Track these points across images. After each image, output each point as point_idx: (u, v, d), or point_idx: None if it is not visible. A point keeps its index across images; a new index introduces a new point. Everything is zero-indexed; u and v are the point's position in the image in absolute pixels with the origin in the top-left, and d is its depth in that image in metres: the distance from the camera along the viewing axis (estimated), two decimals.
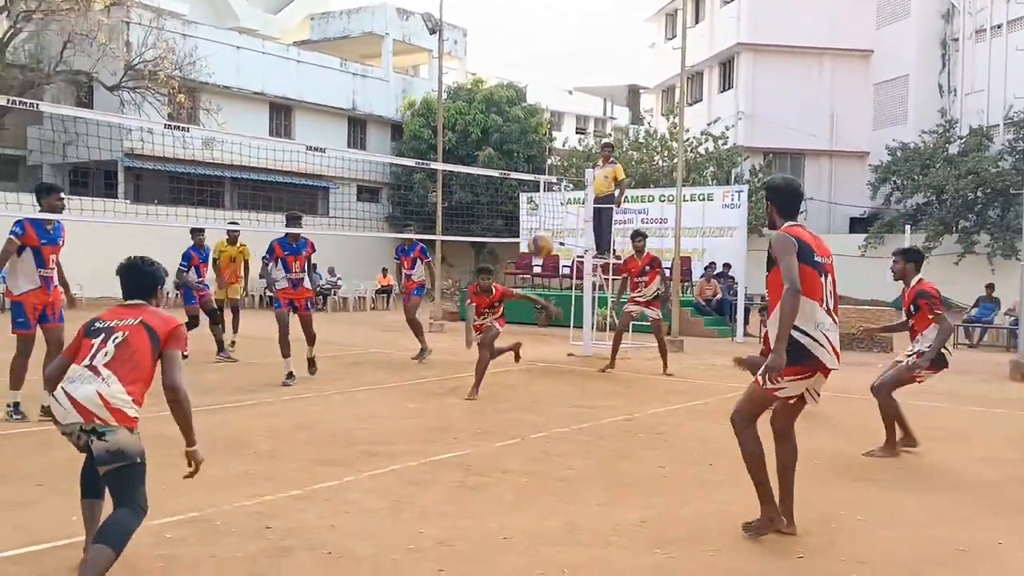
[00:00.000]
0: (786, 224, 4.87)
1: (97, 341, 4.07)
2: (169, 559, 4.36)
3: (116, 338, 4.07)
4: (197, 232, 13.04)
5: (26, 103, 9.04)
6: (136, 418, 3.95)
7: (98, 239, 16.43)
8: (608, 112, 52.36)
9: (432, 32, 24.30)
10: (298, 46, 37.04)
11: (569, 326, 15.14)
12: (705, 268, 20.58)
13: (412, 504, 5.44)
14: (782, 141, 32.53)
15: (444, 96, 25.45)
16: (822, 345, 4.68)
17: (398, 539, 4.74)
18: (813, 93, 32.93)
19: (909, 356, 7.36)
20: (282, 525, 4.93)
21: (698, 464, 6.73)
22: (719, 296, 19.68)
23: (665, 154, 30.88)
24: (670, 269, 18.50)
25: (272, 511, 5.19)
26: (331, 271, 27.07)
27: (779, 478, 4.94)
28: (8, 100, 9.05)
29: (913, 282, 7.35)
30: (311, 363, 11.11)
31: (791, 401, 4.89)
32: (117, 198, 28.21)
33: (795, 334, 4.62)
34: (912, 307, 7.32)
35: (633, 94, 54.25)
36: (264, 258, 11.03)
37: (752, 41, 32.84)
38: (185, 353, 4.30)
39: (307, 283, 11.07)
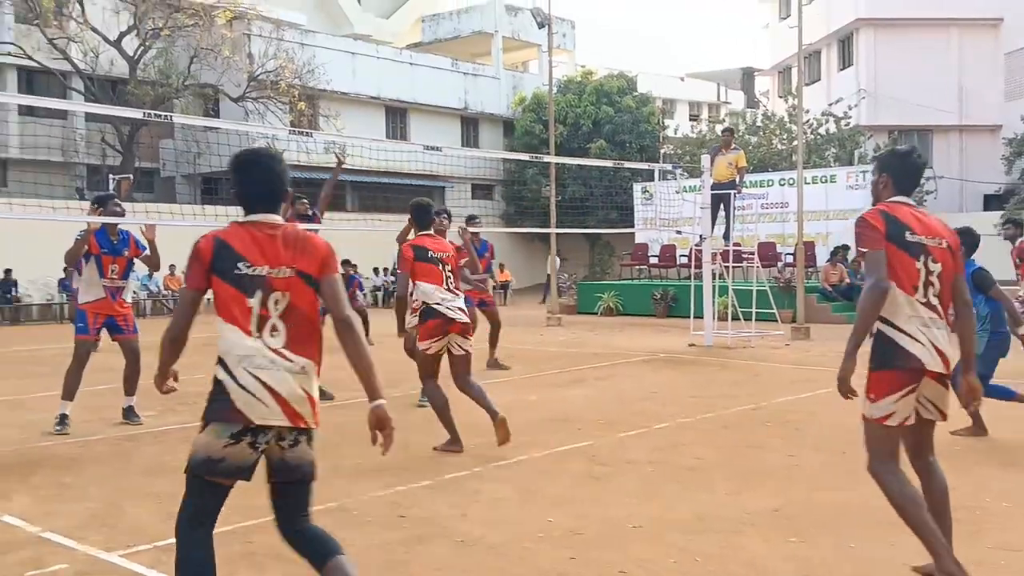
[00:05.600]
0: (889, 200, 3.98)
1: None
2: None
3: None
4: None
5: (161, 116, 9.55)
6: None
7: None
8: (722, 97, 51.33)
9: (541, 26, 24.42)
10: (411, 49, 37.74)
11: (690, 316, 14.95)
12: (832, 252, 19.93)
13: (540, 493, 5.50)
14: (907, 118, 31.17)
15: (554, 90, 25.48)
16: (919, 341, 3.79)
17: (528, 527, 4.80)
18: (939, 66, 31.41)
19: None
20: (415, 514, 5.07)
21: (830, 452, 6.55)
22: (846, 281, 19.05)
23: (784, 137, 30.11)
24: (793, 255, 18.05)
25: (406, 500, 5.34)
26: None
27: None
28: (144, 114, 9.59)
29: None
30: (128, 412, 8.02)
31: (909, 424, 3.85)
32: None
33: (884, 328, 3.86)
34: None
35: (747, 77, 52.90)
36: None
37: (872, 16, 31.61)
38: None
39: (127, 295, 8.06)
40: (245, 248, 3.13)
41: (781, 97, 36.67)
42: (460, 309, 6.88)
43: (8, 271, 21.96)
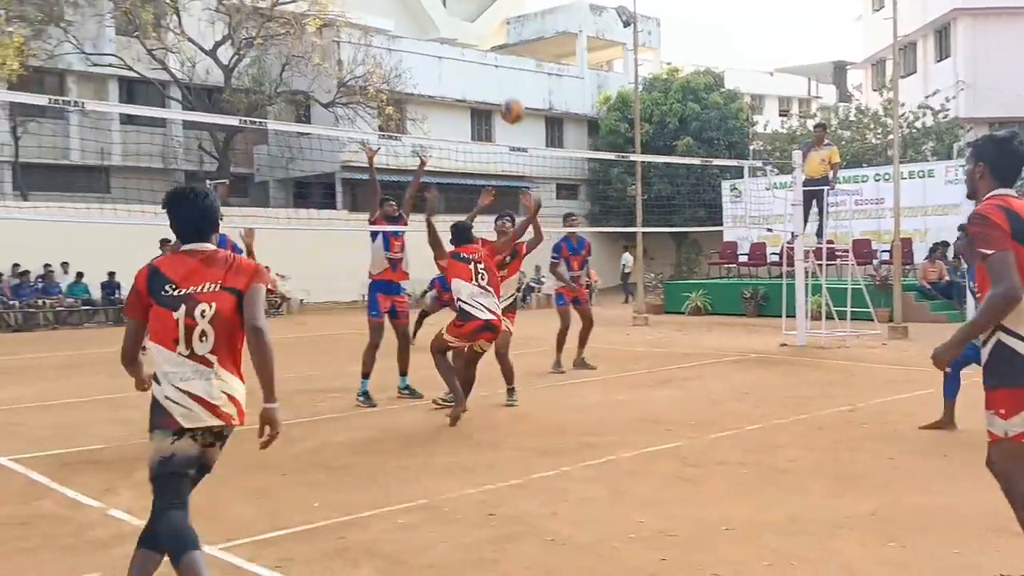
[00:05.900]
0: (995, 193, 3.66)
1: None
2: (404, 543, 4.61)
3: None
4: (167, 243, 10.82)
5: (256, 122, 9.82)
6: None
7: (320, 248, 17.51)
8: (813, 92, 50.15)
9: (626, 25, 24.25)
10: (495, 51, 37.97)
11: (782, 315, 14.64)
12: (931, 249, 19.23)
13: (629, 494, 5.47)
14: (1010, 110, 29.84)
15: (640, 88, 25.29)
16: None
17: (618, 527, 4.78)
18: None
19: None
20: (505, 512, 5.09)
21: (931, 455, 6.34)
22: (946, 278, 18.35)
23: (878, 131, 29.27)
24: (889, 252, 17.53)
25: (495, 499, 5.37)
26: (536, 269, 27.59)
27: None
28: (240, 121, 9.87)
29: None
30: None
31: None
32: (336, 208, 29.98)
33: (1008, 340, 3.47)
34: None
35: (839, 71, 51.67)
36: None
37: (970, 5, 30.44)
38: None
39: None
40: (173, 273, 3.57)
41: (875, 90, 35.65)
42: (490, 309, 7.61)
43: (112, 274, 22.86)
